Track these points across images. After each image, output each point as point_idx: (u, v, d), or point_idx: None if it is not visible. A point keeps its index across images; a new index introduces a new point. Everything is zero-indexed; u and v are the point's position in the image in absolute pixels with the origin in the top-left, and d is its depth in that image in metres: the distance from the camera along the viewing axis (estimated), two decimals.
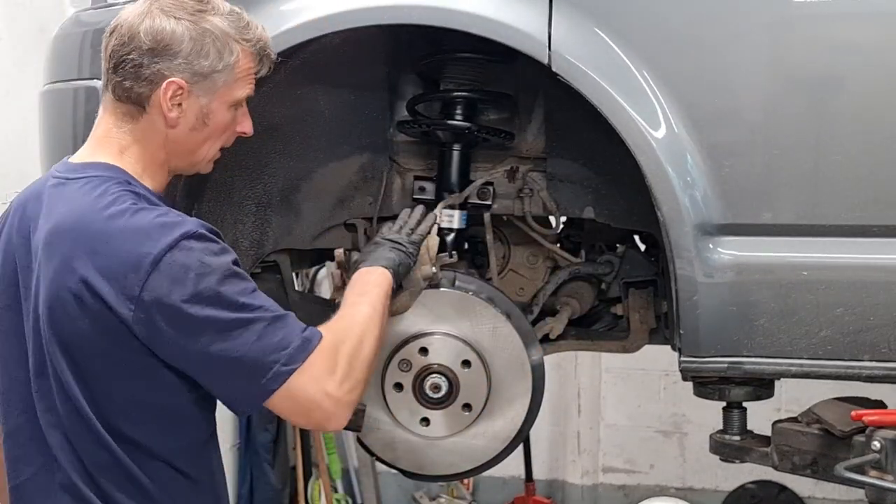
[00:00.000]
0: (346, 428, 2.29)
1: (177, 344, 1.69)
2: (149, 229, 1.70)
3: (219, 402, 1.84)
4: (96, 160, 1.84)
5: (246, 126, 1.96)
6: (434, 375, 2.23)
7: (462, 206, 2.51)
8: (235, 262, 1.75)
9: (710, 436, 2.49)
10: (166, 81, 1.79)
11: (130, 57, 1.79)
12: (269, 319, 1.72)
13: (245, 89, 1.89)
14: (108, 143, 1.85)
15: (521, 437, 2.34)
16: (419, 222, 2.21)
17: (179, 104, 1.82)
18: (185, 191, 2.34)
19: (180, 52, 1.79)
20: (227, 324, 1.68)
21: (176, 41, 1.79)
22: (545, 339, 2.61)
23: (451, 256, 2.34)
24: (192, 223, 1.73)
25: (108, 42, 1.84)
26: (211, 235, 1.75)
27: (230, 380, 1.73)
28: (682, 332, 2.17)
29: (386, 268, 2.03)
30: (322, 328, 1.81)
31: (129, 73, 1.80)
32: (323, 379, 1.74)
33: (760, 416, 2.52)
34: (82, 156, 1.88)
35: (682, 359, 2.20)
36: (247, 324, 1.69)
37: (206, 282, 1.68)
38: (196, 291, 1.67)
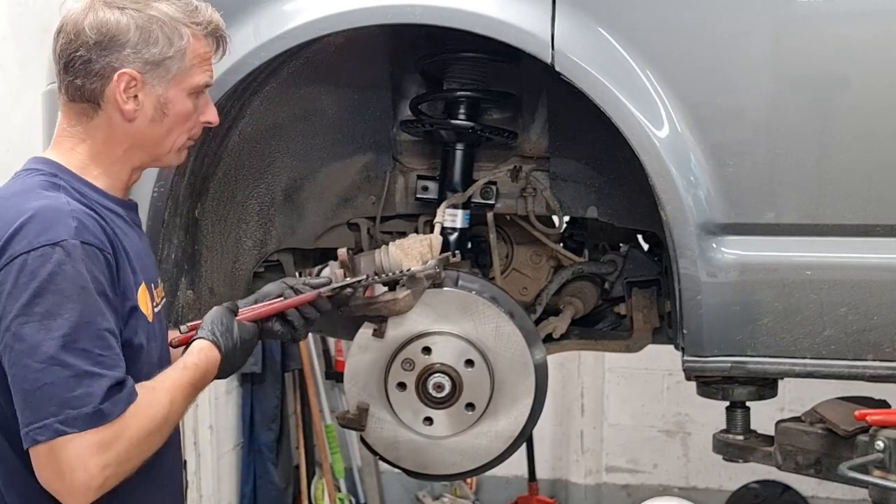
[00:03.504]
0: (350, 427, 2.30)
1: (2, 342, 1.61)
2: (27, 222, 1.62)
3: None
4: (43, 156, 1.82)
5: (210, 115, 1.90)
6: (437, 375, 2.23)
7: (465, 206, 2.52)
8: (99, 293, 1.62)
9: (714, 435, 2.49)
10: (117, 73, 1.74)
11: (78, 54, 1.75)
12: (81, 372, 1.57)
13: (202, 75, 1.83)
14: (61, 142, 1.82)
15: (525, 437, 2.34)
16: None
17: (135, 96, 1.77)
18: (189, 190, 2.34)
19: (128, 42, 1.74)
20: (42, 350, 1.56)
21: (122, 32, 1.74)
22: (548, 339, 2.61)
23: (454, 256, 2.34)
24: (64, 229, 1.62)
25: (55, 42, 1.79)
26: (75, 249, 1.61)
27: (18, 404, 1.60)
28: (685, 331, 2.17)
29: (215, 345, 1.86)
30: (146, 405, 1.65)
31: (78, 70, 1.75)
32: (90, 454, 1.57)
33: (764, 416, 2.51)
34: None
35: (686, 358, 2.20)
36: (57, 363, 1.56)
37: (45, 301, 1.57)
38: (29, 304, 1.58)
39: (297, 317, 2.03)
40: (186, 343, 1.88)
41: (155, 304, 1.84)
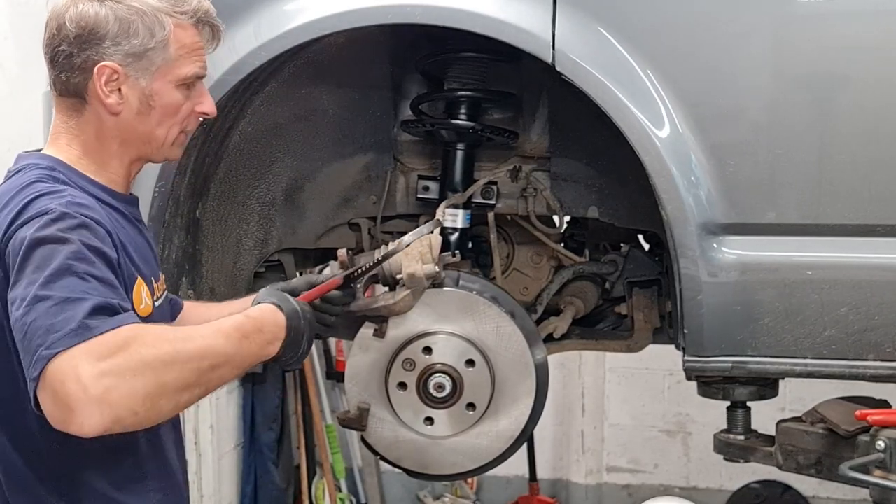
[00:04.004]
0: (350, 427, 2.30)
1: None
2: (20, 203, 1.64)
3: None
4: (39, 152, 1.81)
5: (206, 106, 1.85)
6: (438, 375, 2.23)
7: (466, 206, 2.52)
8: (88, 246, 1.58)
9: (715, 435, 2.49)
10: (97, 66, 1.72)
11: (61, 48, 1.73)
12: (62, 299, 1.50)
13: (190, 66, 1.78)
14: (57, 137, 1.80)
15: (525, 437, 2.34)
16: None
17: (118, 90, 1.74)
18: (190, 190, 2.34)
19: (107, 35, 1.71)
20: (28, 297, 1.53)
21: (101, 24, 1.71)
22: (549, 339, 2.61)
23: (454, 256, 2.34)
24: (57, 203, 1.61)
25: (43, 37, 1.77)
26: (67, 216, 1.60)
27: (22, 360, 1.55)
28: (686, 331, 2.17)
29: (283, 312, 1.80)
30: (157, 329, 1.59)
31: (63, 65, 1.74)
32: (79, 363, 1.46)
33: (764, 416, 2.52)
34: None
35: (686, 358, 2.20)
36: (38, 300, 1.51)
37: (33, 260, 1.55)
38: (20, 268, 1.57)
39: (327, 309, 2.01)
40: None
41: (156, 297, 1.82)
